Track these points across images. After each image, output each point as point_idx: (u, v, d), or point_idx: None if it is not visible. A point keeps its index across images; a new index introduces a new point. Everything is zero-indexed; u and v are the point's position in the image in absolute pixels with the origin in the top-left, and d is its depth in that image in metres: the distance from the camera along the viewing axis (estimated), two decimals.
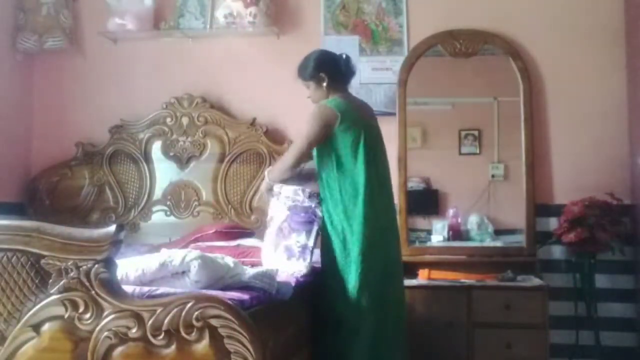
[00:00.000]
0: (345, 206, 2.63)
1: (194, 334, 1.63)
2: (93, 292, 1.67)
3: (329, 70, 2.79)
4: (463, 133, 3.58)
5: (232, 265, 2.10)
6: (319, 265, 2.74)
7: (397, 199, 3.37)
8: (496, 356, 3.03)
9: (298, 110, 3.63)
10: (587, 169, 3.41)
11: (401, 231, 3.40)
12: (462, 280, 3.11)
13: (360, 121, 2.70)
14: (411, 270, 3.18)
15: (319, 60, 2.83)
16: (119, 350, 1.66)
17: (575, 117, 3.46)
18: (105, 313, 1.67)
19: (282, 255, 2.69)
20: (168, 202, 3.63)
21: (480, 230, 3.46)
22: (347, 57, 2.85)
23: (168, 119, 3.67)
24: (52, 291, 1.69)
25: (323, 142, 2.69)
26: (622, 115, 3.40)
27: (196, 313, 1.62)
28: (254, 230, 3.38)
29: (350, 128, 2.66)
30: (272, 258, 2.71)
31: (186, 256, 1.98)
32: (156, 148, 3.68)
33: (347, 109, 2.69)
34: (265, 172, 2.96)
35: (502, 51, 3.50)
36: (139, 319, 1.65)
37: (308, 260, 2.66)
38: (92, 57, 3.85)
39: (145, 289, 1.82)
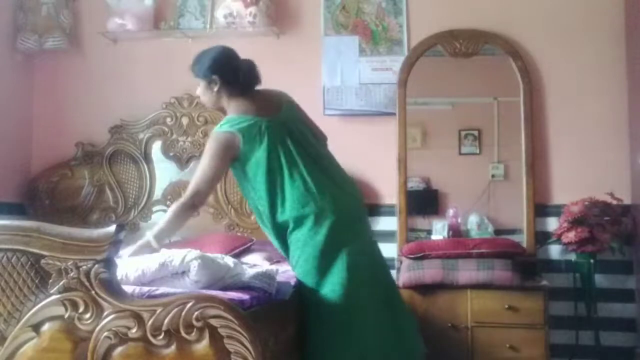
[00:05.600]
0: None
1: (194, 334, 1.63)
2: (93, 292, 1.67)
3: (224, 76, 2.52)
4: (463, 133, 3.58)
5: (232, 265, 2.10)
6: None
7: (397, 199, 3.38)
8: (496, 356, 3.03)
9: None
10: (587, 169, 3.41)
11: (401, 231, 3.42)
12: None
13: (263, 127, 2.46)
14: None
15: (215, 61, 2.54)
16: (119, 350, 1.66)
17: (575, 117, 3.46)
18: (105, 313, 1.67)
19: None
20: (168, 202, 3.63)
21: (480, 230, 3.45)
22: (251, 65, 2.59)
23: (168, 119, 3.68)
24: (52, 291, 1.69)
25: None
26: (622, 115, 3.40)
27: (196, 313, 1.62)
28: (252, 237, 3.38)
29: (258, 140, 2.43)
30: None
31: (186, 256, 1.98)
32: (156, 148, 3.68)
33: (244, 122, 2.45)
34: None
35: (502, 51, 3.50)
36: (139, 319, 1.65)
37: None
38: (92, 57, 3.85)
39: (145, 289, 1.82)
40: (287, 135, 2.49)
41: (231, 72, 2.53)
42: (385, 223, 3.49)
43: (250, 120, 2.46)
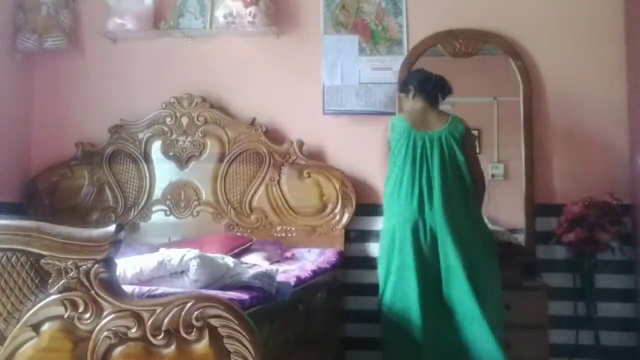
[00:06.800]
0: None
1: (194, 334, 1.63)
2: (93, 292, 1.67)
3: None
4: None
5: (232, 265, 2.10)
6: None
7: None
8: None
9: (298, 111, 3.66)
10: (587, 169, 3.41)
11: None
12: None
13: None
14: None
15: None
16: (119, 350, 1.66)
17: (575, 117, 3.46)
18: (105, 313, 1.67)
19: None
20: (168, 202, 3.63)
21: None
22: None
23: (168, 119, 3.67)
24: (52, 291, 1.69)
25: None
26: (622, 115, 3.40)
27: (196, 313, 1.62)
28: (252, 237, 3.38)
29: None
30: None
31: (185, 256, 1.98)
32: (156, 148, 3.68)
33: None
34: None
35: (502, 51, 3.50)
36: (139, 319, 1.65)
37: None
38: (92, 57, 3.85)
39: (145, 289, 1.82)
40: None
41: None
42: None
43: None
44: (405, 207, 2.81)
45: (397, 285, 2.77)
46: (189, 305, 1.63)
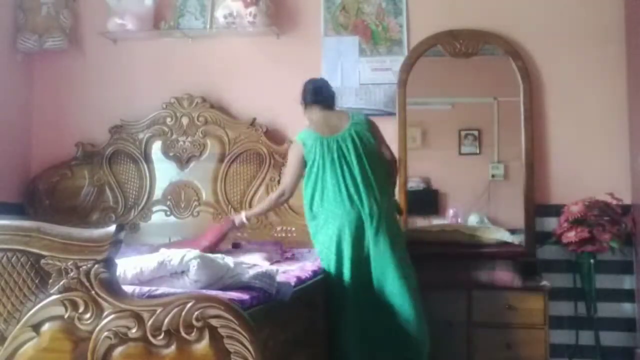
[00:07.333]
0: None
1: (194, 334, 1.63)
2: (93, 292, 1.67)
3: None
4: (463, 133, 3.58)
5: (232, 265, 2.10)
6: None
7: (397, 199, 3.37)
8: (496, 356, 3.03)
9: (298, 111, 3.65)
10: (587, 169, 3.41)
11: None
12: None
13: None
14: None
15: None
16: (119, 350, 1.66)
17: (575, 117, 3.46)
18: (105, 313, 1.66)
19: None
20: (168, 202, 3.63)
21: None
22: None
23: (168, 119, 3.67)
24: (52, 291, 1.69)
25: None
26: (622, 115, 3.40)
27: (196, 313, 1.62)
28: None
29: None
30: None
31: (185, 256, 1.97)
32: (156, 148, 3.68)
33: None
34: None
35: (502, 51, 3.50)
36: (138, 319, 1.65)
37: None
38: (92, 57, 3.85)
39: (145, 289, 1.82)
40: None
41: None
42: None
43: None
44: (338, 212, 2.86)
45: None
46: (189, 305, 1.63)
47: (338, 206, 2.86)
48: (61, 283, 1.68)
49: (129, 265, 1.95)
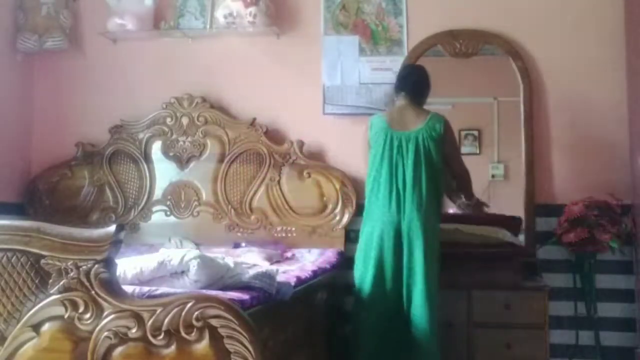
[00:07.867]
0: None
1: (194, 334, 1.63)
2: (93, 292, 1.67)
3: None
4: (463, 133, 3.58)
5: (232, 265, 2.10)
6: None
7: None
8: (496, 356, 3.03)
9: (298, 111, 3.66)
10: (587, 169, 3.41)
11: None
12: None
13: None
14: None
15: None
16: (119, 350, 1.66)
17: (575, 117, 3.45)
18: (105, 313, 1.67)
19: None
20: (168, 202, 3.63)
21: None
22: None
23: (168, 119, 3.67)
24: (52, 291, 1.69)
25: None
26: (622, 115, 3.40)
27: (196, 313, 1.62)
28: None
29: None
30: None
31: (185, 256, 1.98)
32: (156, 148, 3.68)
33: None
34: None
35: (502, 51, 3.49)
36: (138, 319, 1.65)
37: None
38: (92, 57, 3.85)
39: (145, 289, 1.82)
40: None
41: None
42: None
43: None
44: (383, 210, 2.84)
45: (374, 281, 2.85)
46: (189, 305, 1.63)
47: (385, 205, 2.82)
48: (61, 283, 1.68)
49: (129, 265, 1.95)
